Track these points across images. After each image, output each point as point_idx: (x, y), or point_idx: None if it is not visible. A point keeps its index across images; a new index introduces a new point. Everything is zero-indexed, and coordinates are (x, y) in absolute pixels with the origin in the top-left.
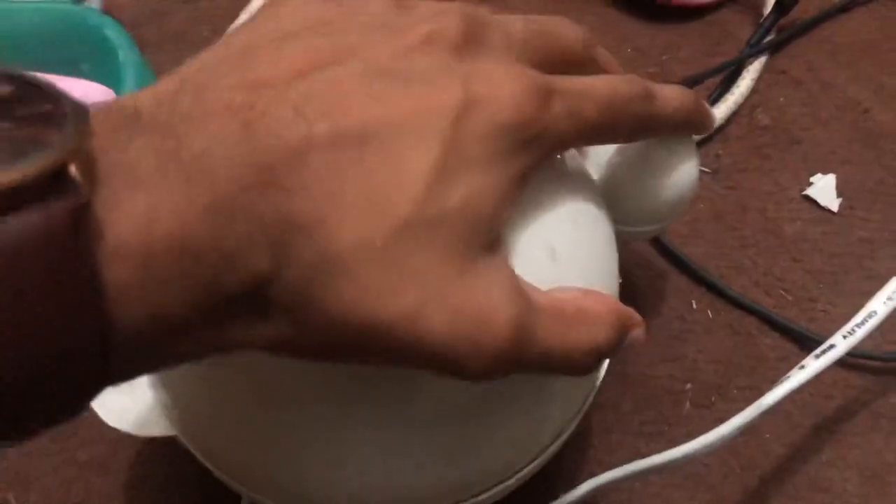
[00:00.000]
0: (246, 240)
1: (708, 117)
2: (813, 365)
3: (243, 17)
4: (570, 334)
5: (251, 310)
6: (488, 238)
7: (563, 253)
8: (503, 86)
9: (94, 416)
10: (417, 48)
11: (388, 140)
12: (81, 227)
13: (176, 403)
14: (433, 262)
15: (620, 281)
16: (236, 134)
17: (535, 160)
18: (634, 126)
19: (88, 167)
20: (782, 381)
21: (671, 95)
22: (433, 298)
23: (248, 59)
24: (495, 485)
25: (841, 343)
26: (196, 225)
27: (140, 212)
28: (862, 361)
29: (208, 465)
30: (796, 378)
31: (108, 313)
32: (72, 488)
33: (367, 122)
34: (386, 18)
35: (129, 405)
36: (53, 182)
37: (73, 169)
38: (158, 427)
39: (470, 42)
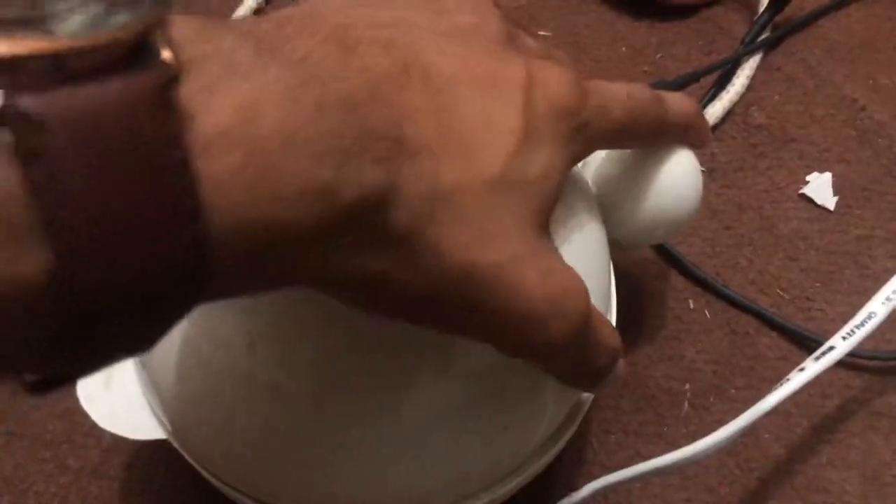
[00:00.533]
0: (359, 148)
1: (707, 127)
2: (812, 367)
3: (235, 17)
4: (604, 332)
5: (363, 233)
6: (548, 218)
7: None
8: (554, 72)
9: (84, 422)
10: (469, 30)
11: (473, 95)
12: (168, 105)
13: (167, 407)
14: (521, 222)
15: (614, 283)
16: (335, 53)
17: (580, 153)
18: (651, 127)
19: (173, 47)
20: (782, 384)
21: (677, 99)
22: (530, 255)
23: (317, 17)
24: (489, 488)
25: (840, 344)
26: (307, 120)
27: (242, 99)
28: (860, 361)
29: (199, 468)
30: (796, 380)
31: (205, 211)
32: (68, 495)
33: (450, 73)
34: (427, 5)
35: (121, 408)
36: (136, 52)
37: (158, 41)
38: (151, 430)
39: (510, 40)
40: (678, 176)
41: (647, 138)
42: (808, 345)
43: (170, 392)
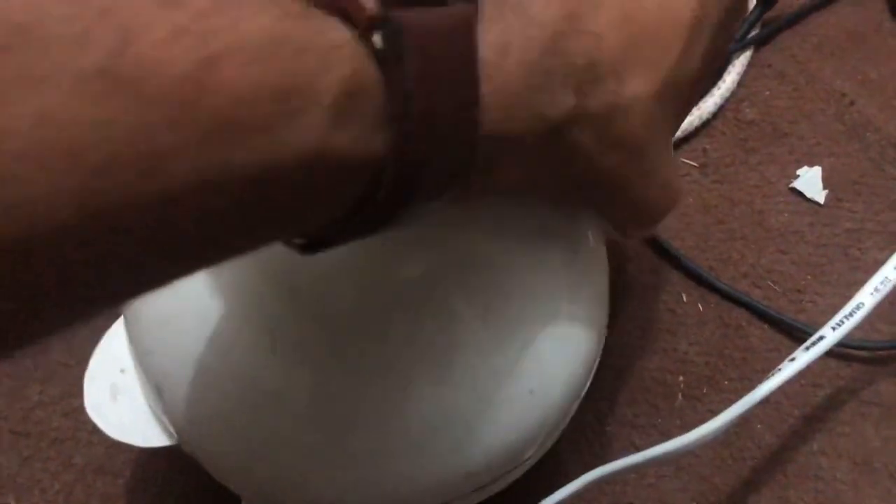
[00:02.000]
0: (562, 77)
1: None
2: (803, 357)
3: None
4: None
5: (559, 144)
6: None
7: (551, 229)
8: None
9: (89, 420)
10: None
11: None
12: (473, 32)
13: (174, 414)
14: (665, 130)
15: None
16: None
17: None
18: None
19: None
20: (774, 374)
21: None
22: (660, 165)
23: None
24: (494, 480)
25: (830, 335)
26: (536, 59)
27: (494, 41)
28: (850, 351)
29: (210, 470)
30: (787, 370)
31: (481, 115)
32: (73, 491)
33: None
34: None
35: (129, 418)
36: None
37: None
38: (161, 437)
39: None
40: None
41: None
42: (799, 336)
43: (176, 400)
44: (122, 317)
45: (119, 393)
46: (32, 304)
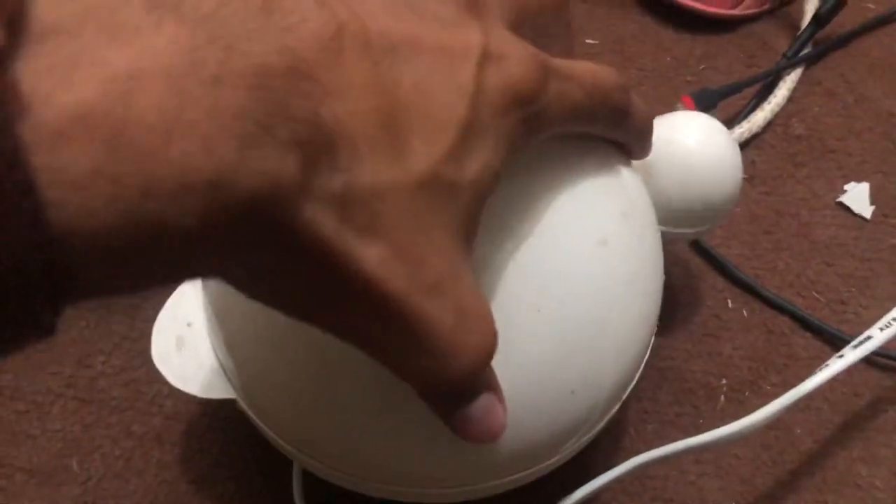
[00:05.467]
0: (264, 132)
1: (650, 143)
2: (851, 354)
3: None
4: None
5: (263, 231)
6: (475, 227)
7: (613, 243)
8: (515, 49)
9: (148, 391)
10: None
11: (415, 70)
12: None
13: (237, 367)
14: (446, 238)
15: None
16: (252, 6)
17: (523, 144)
18: (608, 117)
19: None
20: (821, 369)
21: (641, 102)
22: (448, 283)
23: None
24: (537, 464)
25: (878, 335)
26: (199, 96)
27: (115, 71)
28: (892, 363)
29: (264, 428)
30: (834, 366)
31: (50, 210)
32: (132, 458)
33: (393, 41)
34: None
35: (192, 369)
36: None
37: None
38: (219, 390)
39: (474, 2)
40: (723, 159)
41: (599, 127)
42: (841, 345)
43: (239, 353)
44: None
45: (184, 345)
46: None
